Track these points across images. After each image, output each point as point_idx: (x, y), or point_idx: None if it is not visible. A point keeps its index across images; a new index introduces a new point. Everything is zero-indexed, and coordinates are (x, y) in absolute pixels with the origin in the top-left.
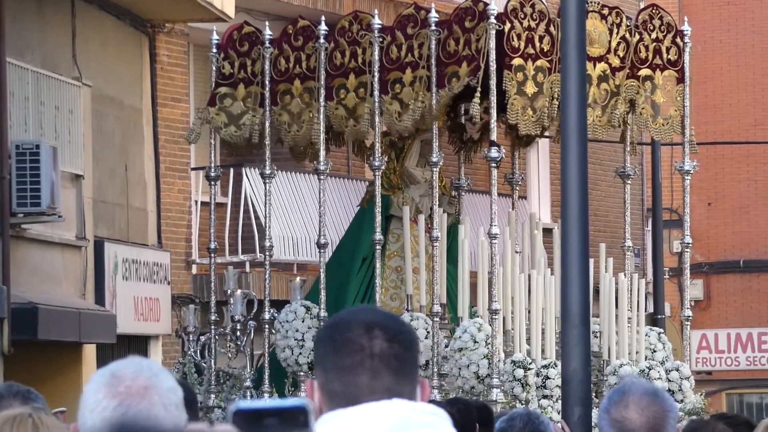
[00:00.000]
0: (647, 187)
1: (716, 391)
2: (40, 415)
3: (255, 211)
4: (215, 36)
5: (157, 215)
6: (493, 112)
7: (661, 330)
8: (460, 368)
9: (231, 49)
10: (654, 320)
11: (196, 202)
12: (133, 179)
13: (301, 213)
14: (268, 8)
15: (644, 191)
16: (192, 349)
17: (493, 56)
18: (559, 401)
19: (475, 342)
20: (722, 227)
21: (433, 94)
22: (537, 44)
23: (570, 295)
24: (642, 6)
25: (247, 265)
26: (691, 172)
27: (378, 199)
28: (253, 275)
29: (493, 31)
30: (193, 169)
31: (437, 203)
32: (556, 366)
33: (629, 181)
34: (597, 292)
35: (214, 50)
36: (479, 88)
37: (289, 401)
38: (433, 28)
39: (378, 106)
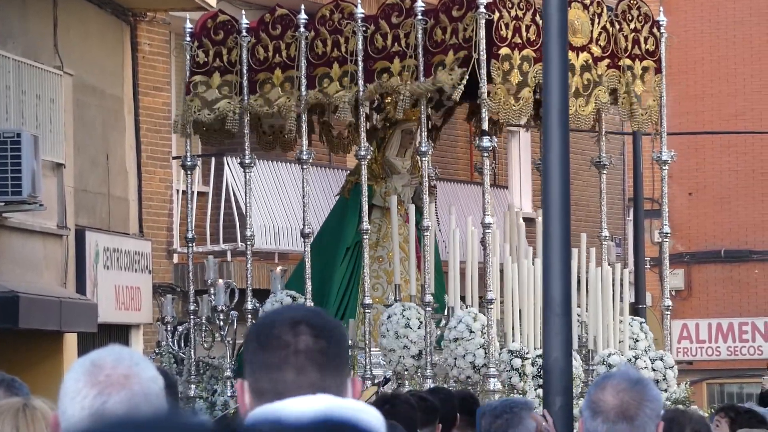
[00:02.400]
0: (629, 176)
1: (697, 380)
2: (34, 404)
3: (236, 201)
4: (188, 24)
5: (138, 204)
6: (485, 101)
7: (643, 320)
8: (455, 358)
9: (205, 38)
10: (635, 310)
11: (178, 191)
12: (114, 168)
13: (282, 202)
14: None
15: (626, 181)
16: (169, 339)
17: (482, 46)
18: None
19: (471, 332)
20: (703, 217)
21: (419, 84)
22: (524, 34)
23: (551, 284)
24: None
25: (228, 254)
26: (669, 162)
27: (365, 189)
28: (234, 264)
29: (483, 21)
30: (174, 158)
31: (428, 193)
32: None
33: (605, 171)
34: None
35: (188, 39)
36: (467, 71)
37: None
38: (420, 17)
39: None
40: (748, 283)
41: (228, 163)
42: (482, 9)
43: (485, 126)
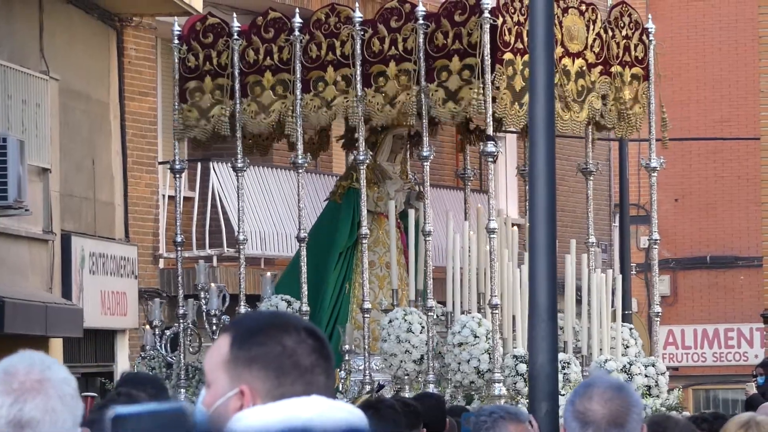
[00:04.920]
0: (614, 182)
1: (683, 387)
2: None
3: (222, 206)
4: (177, 27)
5: (124, 209)
6: (489, 106)
7: (632, 326)
8: (459, 363)
9: (194, 41)
10: (621, 316)
11: (164, 196)
12: (100, 173)
13: (268, 207)
14: (235, 2)
15: (611, 187)
16: (158, 343)
17: (487, 50)
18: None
19: (476, 337)
20: (689, 223)
21: (422, 88)
22: (525, 39)
23: (537, 289)
24: (609, 3)
25: (215, 259)
26: (658, 169)
27: (363, 194)
28: (221, 269)
29: (488, 26)
30: (160, 163)
31: (428, 198)
32: None
33: (591, 178)
34: (560, 287)
35: (176, 42)
36: (481, 80)
37: (168, 405)
38: (421, 21)
39: (360, 99)
40: (733, 289)
41: (214, 169)
42: (487, 14)
43: (490, 131)
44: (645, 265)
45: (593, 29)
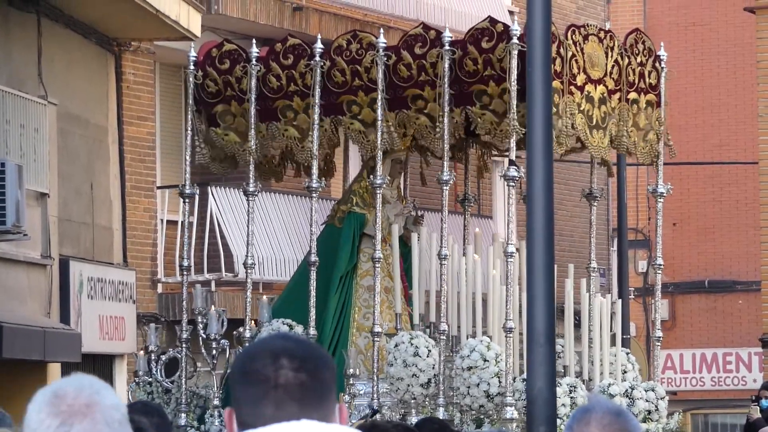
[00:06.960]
0: (613, 207)
1: (681, 411)
2: None
3: (220, 231)
4: (193, 53)
5: (122, 234)
6: (514, 131)
7: (628, 350)
8: (468, 387)
9: (210, 67)
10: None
11: (162, 220)
12: (98, 198)
13: (266, 232)
14: (234, 27)
15: (610, 211)
16: (155, 368)
17: (514, 76)
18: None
19: (485, 360)
20: (687, 248)
21: (446, 112)
22: (551, 66)
23: (535, 313)
24: (608, 27)
25: (213, 284)
26: (665, 194)
27: (379, 218)
28: (219, 294)
29: (516, 52)
30: (158, 187)
31: (446, 221)
32: (560, 384)
33: (596, 204)
34: (561, 311)
35: (192, 67)
36: (512, 103)
37: None
38: (447, 48)
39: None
40: (732, 313)
41: (212, 194)
42: (515, 40)
43: (512, 156)
44: (643, 289)
45: (611, 56)
